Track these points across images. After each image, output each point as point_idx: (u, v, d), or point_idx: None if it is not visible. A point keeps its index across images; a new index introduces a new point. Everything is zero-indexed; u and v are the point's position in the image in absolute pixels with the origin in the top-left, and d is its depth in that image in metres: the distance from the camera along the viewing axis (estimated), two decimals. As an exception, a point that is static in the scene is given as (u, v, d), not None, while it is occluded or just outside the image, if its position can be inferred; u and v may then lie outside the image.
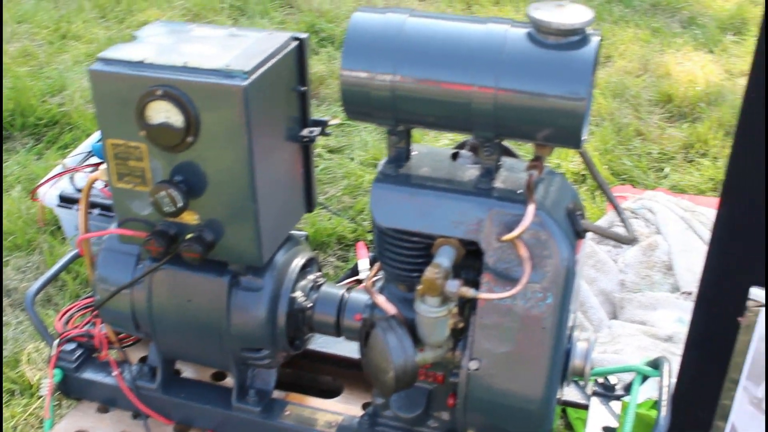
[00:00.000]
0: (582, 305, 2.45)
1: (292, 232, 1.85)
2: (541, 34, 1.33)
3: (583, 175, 3.27)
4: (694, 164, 3.39)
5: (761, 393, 1.54)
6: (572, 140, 1.37)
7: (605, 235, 1.55)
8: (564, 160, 3.33)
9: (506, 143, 1.57)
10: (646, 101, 3.84)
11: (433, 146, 1.60)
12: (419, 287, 1.43)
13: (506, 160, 1.55)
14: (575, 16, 1.32)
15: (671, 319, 2.39)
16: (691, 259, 2.53)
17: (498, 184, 1.48)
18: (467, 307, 1.53)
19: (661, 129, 3.63)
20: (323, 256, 2.88)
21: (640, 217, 2.73)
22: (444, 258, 1.44)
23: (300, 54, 1.67)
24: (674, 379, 1.77)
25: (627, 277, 2.54)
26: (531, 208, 1.39)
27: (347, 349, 1.94)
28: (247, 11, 4.73)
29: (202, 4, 4.76)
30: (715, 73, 4.07)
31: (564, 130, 1.35)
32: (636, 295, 2.48)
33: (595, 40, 1.33)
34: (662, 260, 2.56)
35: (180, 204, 1.58)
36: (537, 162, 1.43)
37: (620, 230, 1.59)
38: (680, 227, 2.66)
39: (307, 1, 4.85)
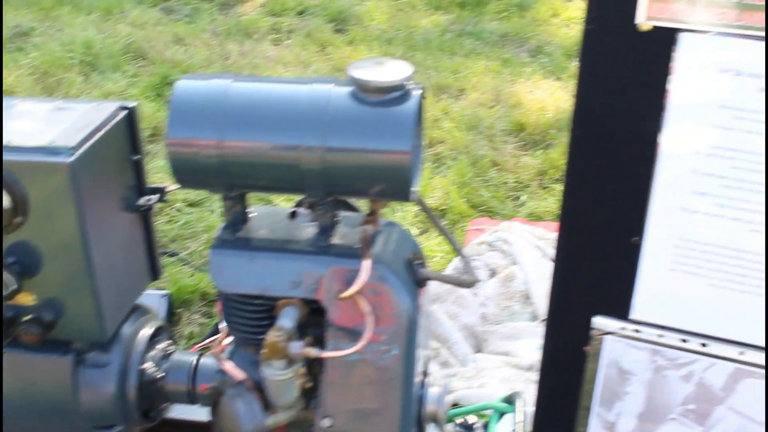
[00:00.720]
0: (446, 341, 2.48)
1: (151, 292, 1.83)
2: (363, 92, 1.36)
3: (443, 209, 3.32)
4: (548, 190, 3.49)
5: (613, 417, 1.59)
6: (402, 194, 1.39)
7: (446, 281, 1.58)
8: (423, 196, 3.38)
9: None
10: (501, 131, 3.94)
11: (271, 206, 1.61)
12: (263, 351, 1.43)
13: (345, 215, 1.57)
14: (395, 72, 1.35)
15: (533, 348, 2.44)
16: (547, 287, 2.59)
17: (336, 240, 1.49)
18: (316, 364, 1.53)
19: (516, 158, 3.73)
20: (187, 314, 2.83)
21: (497, 249, 2.79)
22: (287, 319, 1.44)
23: (130, 123, 1.65)
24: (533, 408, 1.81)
25: (488, 309, 2.59)
26: (367, 264, 1.40)
27: (207, 413, 1.90)
28: (99, 66, 4.64)
29: (51, 61, 4.64)
30: (564, 99, 4.21)
31: (393, 185, 1.38)
32: (498, 326, 2.53)
33: (416, 94, 1.36)
34: (520, 290, 2.62)
35: (13, 287, 1.54)
36: (372, 216, 1.45)
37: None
38: (535, 256, 2.74)
39: (159, 52, 4.80)
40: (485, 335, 2.52)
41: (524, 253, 2.75)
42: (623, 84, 1.46)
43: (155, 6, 5.51)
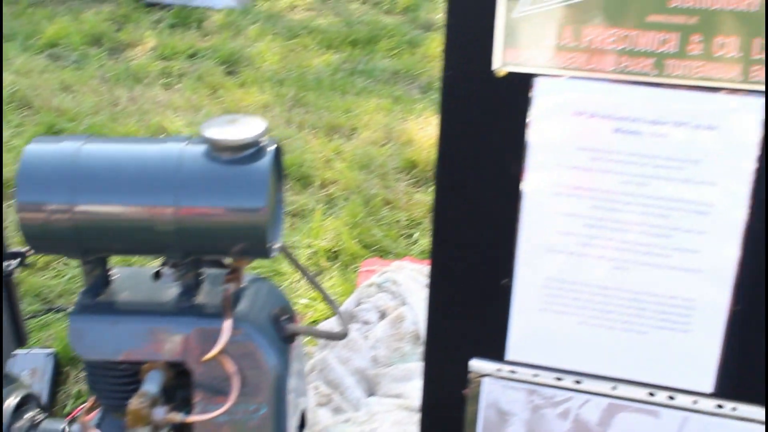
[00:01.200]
0: (338, 387, 2.46)
1: (36, 351, 1.76)
2: (216, 151, 1.34)
3: (335, 251, 3.31)
4: (441, 227, 3.50)
5: (499, 458, 1.59)
6: (260, 251, 1.38)
7: (316, 335, 1.57)
8: (315, 239, 3.36)
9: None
10: (393, 169, 3.95)
11: (135, 267, 1.57)
12: (127, 419, 1.38)
13: (211, 273, 1.54)
14: (247, 130, 1.34)
15: (424, 389, 2.43)
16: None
17: (200, 300, 1.46)
18: (186, 428, 1.49)
19: (409, 195, 3.75)
20: (75, 372, 2.74)
21: (386, 291, 2.79)
22: (151, 384, 1.40)
23: (-15, 187, 1.60)
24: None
25: (379, 352, 2.58)
26: (227, 324, 1.38)
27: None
28: (-19, 118, 4.52)
29: (-72, 115, 4.50)
30: (454, 134, 4.25)
31: (250, 242, 1.36)
32: (389, 369, 2.52)
33: (270, 150, 1.35)
34: (410, 331, 2.61)
35: None
36: (234, 275, 1.43)
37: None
38: (424, 295, 2.73)
39: (45, 100, 4.69)
40: (377, 378, 2.51)
41: (413, 293, 2.75)
42: (484, 129, 1.48)
43: (41, 53, 5.39)
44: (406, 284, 2.79)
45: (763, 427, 1.43)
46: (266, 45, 5.46)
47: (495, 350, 1.57)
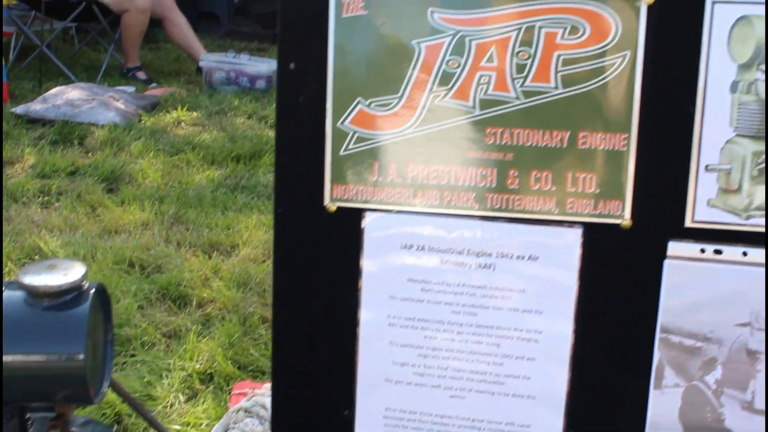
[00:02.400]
0: None
1: None
2: (33, 297, 1.32)
3: (209, 373, 3.25)
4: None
5: None
6: (82, 398, 1.35)
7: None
8: (189, 361, 3.30)
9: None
10: (271, 286, 3.92)
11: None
12: None
13: (40, 417, 1.49)
14: (65, 275, 1.33)
15: None
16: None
17: (27, 447, 1.42)
18: None
19: (287, 312, 3.72)
20: None
21: (254, 415, 2.74)
22: None
23: None
24: None
25: (246, 480, 2.53)
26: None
27: None
28: None
29: None
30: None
31: (70, 389, 1.33)
32: (256, 496, 2.47)
33: (90, 294, 1.34)
34: (278, 456, 2.57)
35: None
36: (58, 420, 1.39)
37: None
38: (293, 419, 2.70)
39: None
40: (244, 508, 2.45)
41: (281, 417, 2.71)
42: (319, 263, 1.50)
43: None
44: (274, 408, 2.75)
45: None
46: (148, 161, 5.44)
47: (341, 483, 1.56)
